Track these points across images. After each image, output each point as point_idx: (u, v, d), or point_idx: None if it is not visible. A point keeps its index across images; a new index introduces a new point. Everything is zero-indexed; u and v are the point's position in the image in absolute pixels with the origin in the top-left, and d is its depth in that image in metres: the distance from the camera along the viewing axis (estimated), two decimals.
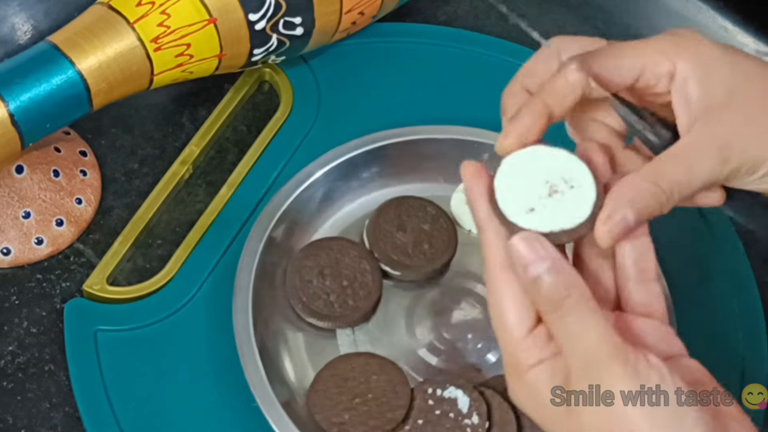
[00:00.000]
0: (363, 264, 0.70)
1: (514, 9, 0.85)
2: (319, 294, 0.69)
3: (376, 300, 0.69)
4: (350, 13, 0.74)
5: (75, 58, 0.66)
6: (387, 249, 0.70)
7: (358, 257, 0.70)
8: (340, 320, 0.68)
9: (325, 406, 0.65)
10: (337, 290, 0.69)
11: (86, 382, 0.67)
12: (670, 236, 0.72)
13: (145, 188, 0.75)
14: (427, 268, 0.70)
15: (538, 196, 0.54)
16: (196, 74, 0.72)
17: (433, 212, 0.72)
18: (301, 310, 0.69)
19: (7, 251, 0.71)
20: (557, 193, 0.54)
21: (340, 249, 0.70)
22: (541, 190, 0.54)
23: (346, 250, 0.70)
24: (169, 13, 0.68)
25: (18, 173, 0.72)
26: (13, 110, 0.65)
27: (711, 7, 0.85)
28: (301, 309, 0.69)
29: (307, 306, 0.68)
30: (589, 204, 0.54)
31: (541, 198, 0.54)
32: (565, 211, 0.53)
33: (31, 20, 0.81)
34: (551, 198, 0.54)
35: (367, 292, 0.69)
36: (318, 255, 0.70)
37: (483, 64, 0.81)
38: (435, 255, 0.71)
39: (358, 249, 0.70)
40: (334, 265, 0.69)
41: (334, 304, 0.68)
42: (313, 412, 0.65)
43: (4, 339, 0.69)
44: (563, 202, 0.54)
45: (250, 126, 0.78)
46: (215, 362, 0.68)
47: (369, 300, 0.69)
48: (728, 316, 0.72)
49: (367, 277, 0.69)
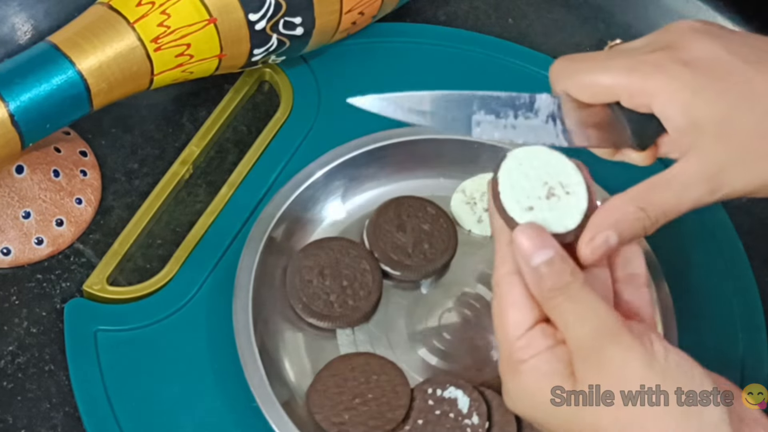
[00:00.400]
0: (363, 264, 0.70)
1: (514, 9, 0.85)
2: (319, 294, 0.69)
3: (376, 300, 0.69)
4: (350, 13, 0.74)
5: (75, 58, 0.66)
6: (387, 249, 0.70)
7: (358, 257, 0.70)
8: (340, 320, 0.68)
9: (325, 406, 0.65)
10: (337, 290, 0.69)
11: (86, 382, 0.67)
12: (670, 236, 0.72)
13: (145, 188, 0.75)
14: (427, 268, 0.70)
15: (537, 196, 0.55)
16: (196, 74, 0.72)
17: (433, 212, 0.72)
18: (301, 311, 0.69)
19: (7, 251, 0.71)
20: (554, 196, 0.55)
21: (340, 249, 0.70)
22: (540, 191, 0.55)
23: (346, 250, 0.70)
24: (169, 13, 0.68)
25: (18, 173, 0.72)
26: (13, 110, 0.65)
27: (711, 7, 0.85)
28: (301, 309, 0.69)
29: (307, 306, 0.68)
30: (580, 213, 0.55)
31: (540, 199, 0.55)
32: (558, 215, 0.55)
33: (31, 20, 0.81)
34: (548, 201, 0.55)
35: (367, 292, 0.69)
36: (318, 255, 0.70)
37: (483, 64, 0.80)
38: (435, 255, 0.71)
39: (358, 249, 0.70)
40: (334, 265, 0.69)
41: (334, 304, 0.68)
42: (312, 412, 0.65)
43: (4, 339, 0.69)
44: (558, 206, 0.55)
45: (250, 126, 0.78)
46: (215, 362, 0.68)
47: (369, 300, 0.69)
48: (728, 316, 0.72)
49: (367, 277, 0.69)
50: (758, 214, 0.78)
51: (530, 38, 0.84)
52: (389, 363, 0.67)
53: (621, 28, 0.85)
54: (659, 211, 0.55)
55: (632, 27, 0.85)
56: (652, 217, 0.55)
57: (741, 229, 0.75)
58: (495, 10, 0.85)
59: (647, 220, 0.55)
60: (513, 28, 0.84)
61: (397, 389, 0.65)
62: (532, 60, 0.80)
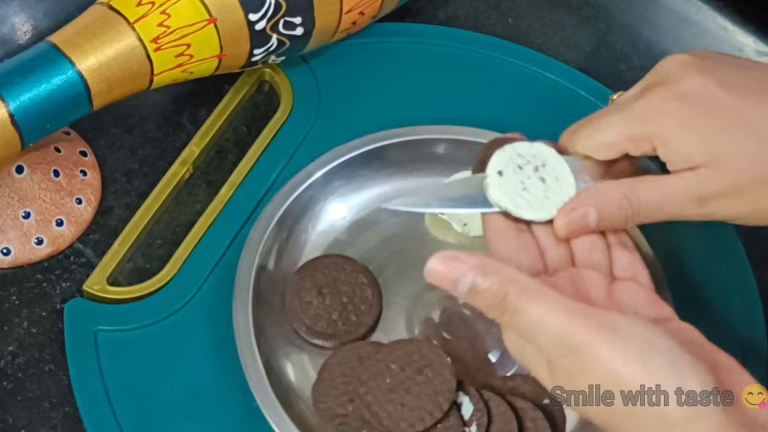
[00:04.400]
0: (360, 278, 0.69)
1: (514, 9, 0.85)
2: (321, 314, 0.68)
3: (377, 313, 0.69)
4: (350, 13, 0.74)
5: (75, 58, 0.66)
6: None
7: (354, 272, 0.69)
8: (345, 336, 0.68)
9: (330, 395, 0.65)
10: (338, 308, 0.68)
11: (86, 382, 0.67)
12: (669, 237, 0.72)
13: (145, 188, 0.75)
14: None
15: (531, 183, 0.57)
16: (196, 74, 0.72)
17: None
18: (305, 333, 0.68)
19: (7, 251, 0.71)
20: (544, 183, 0.56)
21: (335, 266, 0.70)
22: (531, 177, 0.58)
23: (341, 267, 0.70)
24: (169, 13, 0.68)
25: (18, 173, 0.72)
26: (13, 110, 0.65)
27: (711, 7, 0.85)
28: (305, 332, 0.68)
29: (311, 328, 0.68)
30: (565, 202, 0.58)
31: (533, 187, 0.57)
32: (547, 202, 0.57)
33: (31, 20, 0.81)
34: (538, 188, 0.57)
35: (369, 306, 0.69)
36: (314, 275, 0.69)
37: (483, 64, 0.80)
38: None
39: (352, 264, 0.70)
40: (332, 284, 0.69)
41: (338, 322, 0.68)
42: (317, 401, 0.65)
43: (4, 339, 0.69)
44: (548, 192, 0.57)
45: (250, 126, 0.78)
46: (215, 362, 0.68)
47: (371, 314, 0.68)
48: (728, 316, 0.72)
49: (366, 291, 0.69)
50: None
51: (530, 38, 0.83)
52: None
53: (621, 28, 0.85)
54: (642, 206, 0.56)
55: (632, 27, 0.85)
56: (635, 207, 0.56)
57: (741, 229, 0.75)
58: (495, 10, 0.85)
59: (629, 209, 0.56)
60: (513, 28, 0.84)
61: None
62: (532, 60, 0.80)
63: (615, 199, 0.56)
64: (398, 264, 0.72)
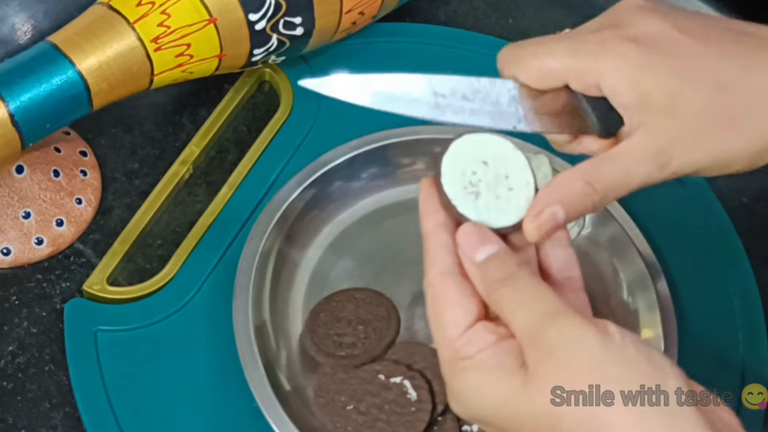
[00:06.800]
0: (373, 305, 0.68)
1: (514, 9, 0.85)
2: (339, 341, 0.66)
3: (396, 325, 0.67)
4: (350, 13, 0.74)
5: (75, 58, 0.66)
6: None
7: (365, 301, 0.68)
8: (367, 354, 0.66)
9: (330, 391, 0.65)
10: (358, 331, 0.67)
11: (86, 382, 0.67)
12: (670, 237, 0.72)
13: (145, 188, 0.75)
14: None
15: (479, 183, 0.54)
16: (196, 74, 0.72)
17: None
18: (324, 357, 0.66)
19: (7, 251, 0.71)
20: (499, 185, 0.54)
21: (347, 299, 0.68)
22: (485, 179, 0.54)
23: (351, 297, 0.68)
24: (169, 13, 0.68)
25: (18, 173, 0.72)
26: (13, 110, 0.65)
27: (711, 7, 0.85)
28: (323, 357, 0.66)
29: (332, 354, 0.66)
30: (528, 202, 0.54)
31: (483, 185, 0.54)
32: (503, 206, 0.54)
33: (31, 20, 0.81)
34: (494, 190, 0.54)
35: (387, 323, 0.67)
36: (327, 311, 0.68)
37: (483, 64, 0.80)
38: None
39: (362, 293, 0.68)
40: (352, 311, 0.68)
41: (357, 344, 0.66)
42: (317, 395, 0.65)
43: (4, 339, 0.69)
44: (504, 195, 0.54)
45: (250, 126, 0.78)
46: (215, 362, 0.68)
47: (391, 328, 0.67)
48: (728, 316, 0.72)
49: (381, 310, 0.68)
50: (758, 214, 0.78)
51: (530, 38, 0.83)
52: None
53: None
54: (608, 186, 0.54)
55: None
56: (600, 191, 0.54)
57: (741, 229, 0.75)
58: (495, 10, 0.85)
59: (595, 195, 0.54)
60: (513, 28, 0.84)
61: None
62: None
63: (578, 189, 0.54)
64: (398, 264, 0.72)
